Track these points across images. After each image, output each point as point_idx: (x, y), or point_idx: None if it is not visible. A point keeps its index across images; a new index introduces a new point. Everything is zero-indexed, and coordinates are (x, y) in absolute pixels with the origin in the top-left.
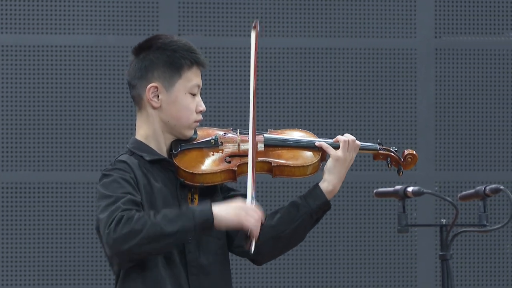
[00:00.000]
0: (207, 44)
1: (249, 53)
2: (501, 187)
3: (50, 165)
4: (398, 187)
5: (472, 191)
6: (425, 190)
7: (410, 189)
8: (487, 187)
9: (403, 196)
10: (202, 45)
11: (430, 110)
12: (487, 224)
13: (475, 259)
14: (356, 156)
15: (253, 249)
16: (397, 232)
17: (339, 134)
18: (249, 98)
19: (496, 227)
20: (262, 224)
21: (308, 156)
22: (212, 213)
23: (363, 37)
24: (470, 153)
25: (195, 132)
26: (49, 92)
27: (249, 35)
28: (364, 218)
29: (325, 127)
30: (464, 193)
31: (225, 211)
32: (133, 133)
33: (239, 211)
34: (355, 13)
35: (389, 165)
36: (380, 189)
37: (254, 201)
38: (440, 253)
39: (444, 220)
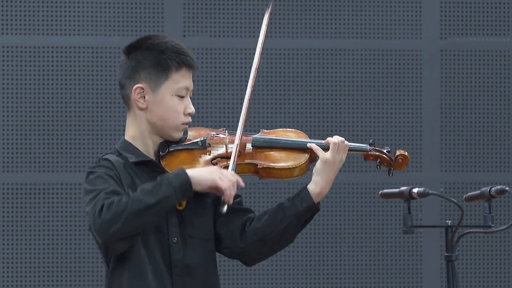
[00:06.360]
0: (212, 45)
1: (254, 54)
2: (507, 188)
3: (54, 166)
4: (403, 188)
5: (477, 192)
6: (430, 191)
7: (415, 190)
8: (493, 188)
9: (408, 197)
10: (207, 46)
11: (435, 111)
12: (493, 225)
13: (480, 260)
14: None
15: (224, 210)
16: (403, 233)
17: (344, 135)
18: (255, 98)
19: (502, 228)
20: (237, 188)
21: (295, 157)
22: (187, 174)
23: (368, 38)
24: (475, 154)
25: (186, 133)
26: (54, 93)
27: (253, 36)
28: (369, 219)
29: (330, 128)
30: (469, 194)
31: (199, 172)
32: None
33: (214, 172)
34: (360, 14)
35: (378, 166)
36: (386, 190)
37: (234, 171)
38: (446, 254)
39: (450, 221)
